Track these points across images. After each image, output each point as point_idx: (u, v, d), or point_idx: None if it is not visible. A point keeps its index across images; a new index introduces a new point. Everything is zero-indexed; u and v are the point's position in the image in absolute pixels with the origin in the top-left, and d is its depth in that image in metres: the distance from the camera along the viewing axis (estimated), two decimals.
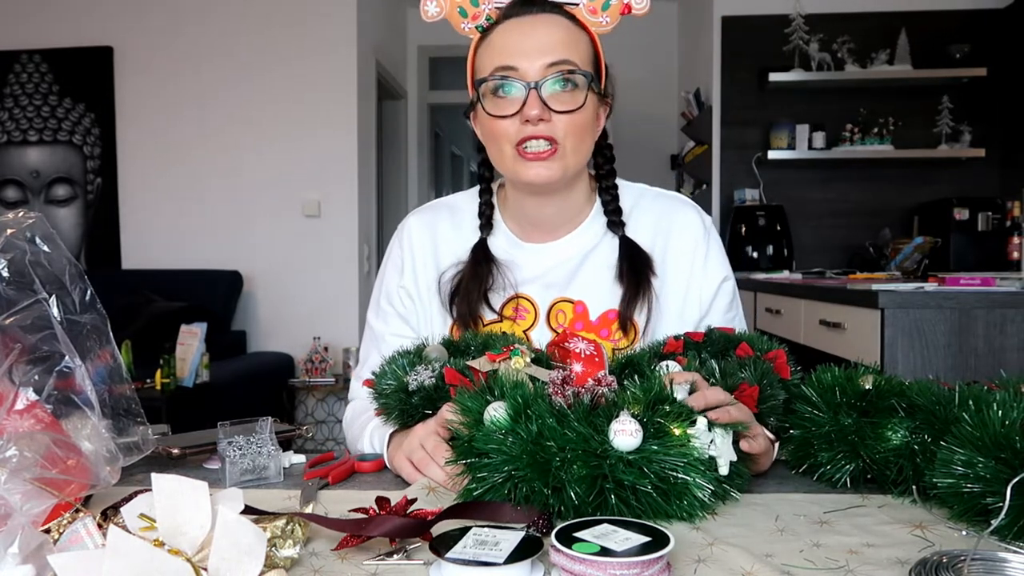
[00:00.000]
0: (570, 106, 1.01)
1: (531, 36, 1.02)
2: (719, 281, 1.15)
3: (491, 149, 1.09)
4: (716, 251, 1.16)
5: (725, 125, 4.22)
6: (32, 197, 4.45)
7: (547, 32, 1.02)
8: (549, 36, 1.02)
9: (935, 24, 4.03)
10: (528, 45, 1.01)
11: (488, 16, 1.07)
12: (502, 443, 0.74)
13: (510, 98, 1.02)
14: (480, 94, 1.05)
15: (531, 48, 1.01)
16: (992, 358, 1.95)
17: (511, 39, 1.03)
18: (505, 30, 1.04)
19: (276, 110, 4.31)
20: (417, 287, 1.17)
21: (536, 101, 1.00)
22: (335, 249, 4.35)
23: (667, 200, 1.19)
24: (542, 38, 1.02)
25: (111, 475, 0.70)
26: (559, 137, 1.02)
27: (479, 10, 1.07)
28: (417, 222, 1.20)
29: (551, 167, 1.03)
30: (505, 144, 1.04)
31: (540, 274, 1.13)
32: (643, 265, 1.11)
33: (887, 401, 0.85)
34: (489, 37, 1.06)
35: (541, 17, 1.04)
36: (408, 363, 0.95)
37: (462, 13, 1.08)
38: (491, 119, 1.04)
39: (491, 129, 1.05)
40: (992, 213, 3.74)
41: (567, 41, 1.03)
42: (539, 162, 1.03)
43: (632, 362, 0.92)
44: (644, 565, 0.58)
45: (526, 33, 1.03)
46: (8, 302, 0.70)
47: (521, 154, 1.03)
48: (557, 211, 1.13)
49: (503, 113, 1.03)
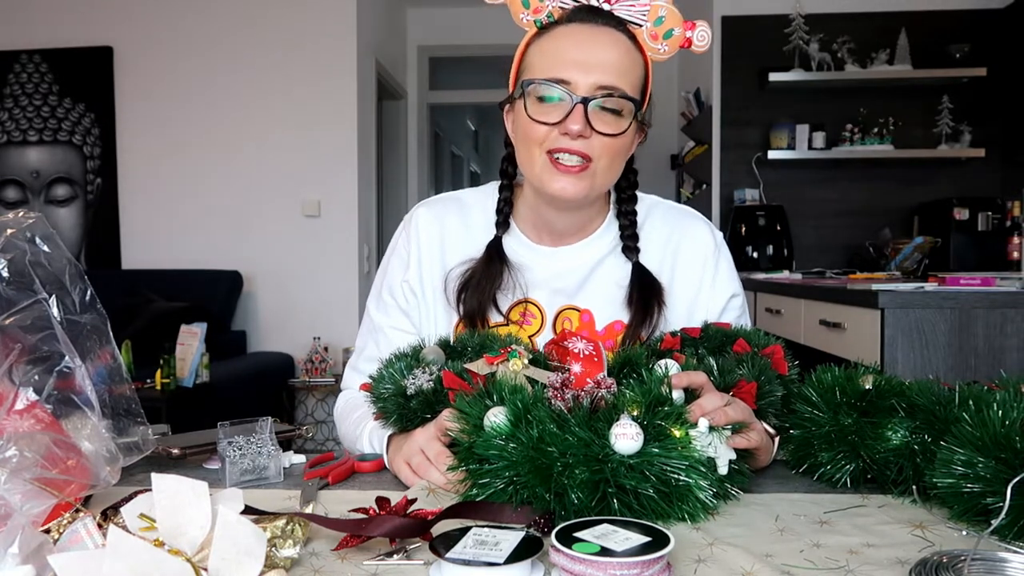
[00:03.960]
0: (613, 130, 1.00)
1: (590, 51, 1.00)
2: (727, 297, 1.15)
3: (521, 150, 1.07)
4: (726, 267, 1.16)
5: (725, 125, 4.22)
6: (32, 197, 4.45)
7: (606, 51, 1.00)
8: (607, 56, 1.00)
9: (935, 24, 4.03)
10: (585, 59, 0.99)
11: (550, 14, 1.04)
12: (503, 449, 0.74)
13: (556, 106, 1.00)
14: (526, 93, 1.02)
15: (588, 63, 0.99)
16: (992, 358, 1.95)
17: (570, 49, 1.01)
18: (565, 36, 1.02)
19: (276, 110, 4.31)
20: (421, 283, 1.15)
21: (580, 116, 0.98)
22: (335, 249, 4.35)
23: (679, 214, 1.18)
24: (600, 55, 1.00)
25: (111, 475, 0.70)
26: (594, 155, 1.01)
27: (543, 4, 1.04)
28: (426, 214, 1.18)
29: (578, 184, 1.02)
30: (537, 149, 1.03)
31: (549, 278, 1.13)
32: (653, 294, 1.10)
33: (887, 401, 0.85)
34: (547, 37, 1.03)
35: (604, 31, 1.02)
36: (405, 366, 0.94)
37: (524, 3, 1.04)
38: (530, 122, 1.02)
39: (528, 131, 1.03)
40: (992, 213, 3.74)
41: (623, 64, 1.01)
42: (568, 176, 1.01)
43: (630, 360, 0.92)
44: (644, 565, 0.58)
45: (585, 46, 1.00)
46: (8, 302, 0.70)
47: (553, 163, 1.02)
48: (571, 221, 1.13)
49: (546, 119, 1.01)
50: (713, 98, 4.25)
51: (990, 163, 4.03)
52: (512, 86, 1.09)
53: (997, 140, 4.00)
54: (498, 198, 1.16)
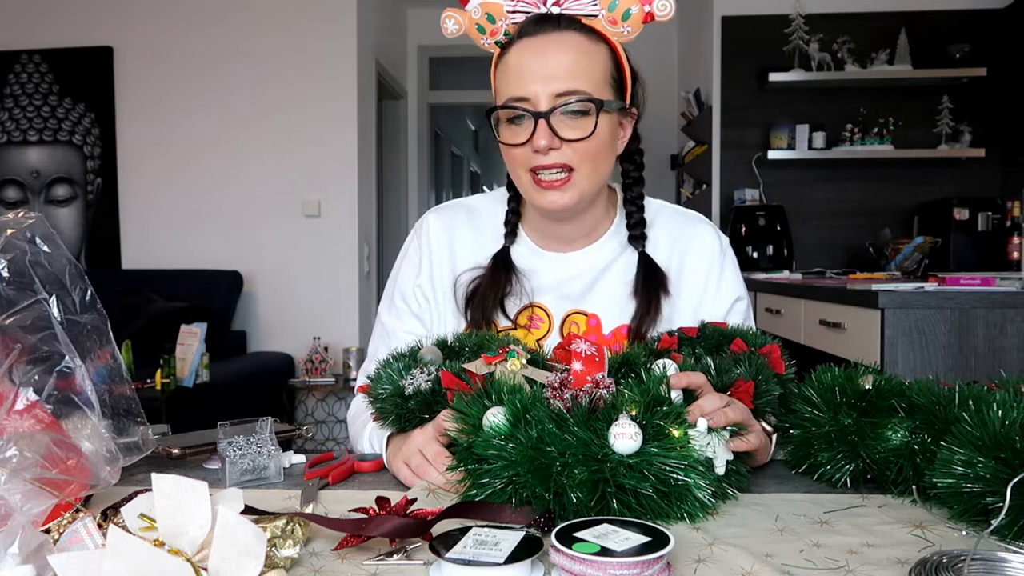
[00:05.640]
0: (580, 134, 1.00)
1: (541, 62, 1.00)
2: (731, 301, 1.15)
3: (511, 172, 1.08)
4: (731, 271, 1.17)
5: (725, 125, 4.22)
6: (32, 197, 4.45)
7: (557, 57, 1.00)
8: (559, 62, 1.00)
9: (935, 24, 4.04)
10: (538, 71, 1.00)
11: (507, 31, 1.05)
12: (502, 449, 0.74)
13: (522, 126, 1.01)
14: (495, 120, 1.04)
15: (543, 74, 0.99)
16: (992, 358, 1.95)
17: (523, 65, 1.01)
18: (518, 53, 1.02)
19: (276, 110, 4.31)
20: (433, 287, 1.16)
21: (545, 131, 0.99)
22: (335, 249, 4.35)
23: (685, 218, 1.19)
24: (551, 64, 1.00)
25: (111, 475, 0.70)
26: (574, 163, 1.01)
27: (496, 26, 1.05)
28: (436, 221, 1.19)
29: (565, 195, 1.03)
30: (520, 169, 1.04)
31: (557, 284, 1.13)
32: (658, 283, 1.11)
33: (887, 401, 0.85)
34: (508, 56, 1.04)
35: (554, 37, 1.01)
36: (403, 367, 0.94)
37: (480, 30, 1.06)
38: (506, 146, 1.04)
39: (507, 155, 1.05)
40: (992, 213, 3.74)
41: (578, 66, 1.00)
42: (553, 191, 1.02)
43: (628, 360, 0.92)
44: (644, 565, 0.58)
45: (536, 58, 1.01)
46: (8, 302, 0.70)
47: (536, 182, 1.03)
48: (575, 227, 1.13)
49: (516, 141, 1.02)
50: (713, 98, 4.25)
51: (990, 163, 4.02)
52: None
53: (997, 140, 4.00)
54: (506, 209, 1.17)
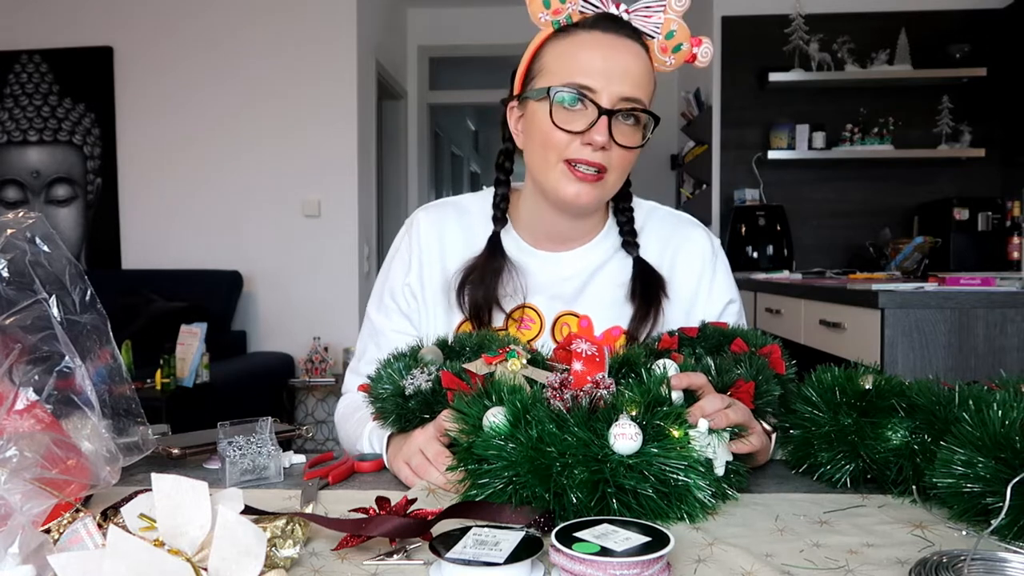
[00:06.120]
0: (630, 142, 1.01)
1: (615, 61, 1.00)
2: (724, 303, 1.15)
3: (536, 153, 1.06)
4: (723, 273, 1.17)
5: (725, 125, 4.22)
6: (32, 197, 4.45)
7: (628, 63, 1.00)
8: (630, 67, 1.00)
9: (935, 24, 4.04)
10: (610, 69, 0.99)
11: (569, 16, 1.03)
12: (502, 449, 0.74)
13: (579, 114, 1.00)
14: (551, 98, 1.01)
15: (611, 73, 0.99)
16: (992, 358, 1.95)
17: (594, 58, 1.00)
18: (588, 43, 1.01)
19: (276, 110, 4.31)
20: (422, 286, 1.16)
21: (605, 128, 0.98)
22: (335, 249, 4.35)
23: (676, 220, 1.19)
24: (623, 66, 1.00)
25: (111, 475, 0.70)
26: (610, 167, 1.02)
27: (563, 6, 1.02)
28: (426, 219, 1.18)
29: (592, 192, 1.03)
30: (555, 155, 1.02)
31: (548, 284, 1.13)
32: (656, 287, 1.11)
33: (887, 401, 0.85)
34: (566, 41, 1.02)
35: (626, 43, 1.01)
36: (404, 366, 0.94)
37: (545, 4, 1.02)
38: (552, 128, 1.01)
39: (548, 137, 1.02)
40: (992, 213, 3.74)
41: (643, 77, 1.01)
42: (584, 183, 1.02)
43: (628, 360, 0.92)
44: (644, 565, 0.58)
45: (609, 56, 1.00)
46: (8, 302, 0.70)
47: (571, 170, 1.02)
48: (572, 226, 1.13)
49: (569, 128, 1.00)
50: (713, 98, 4.25)
51: (990, 163, 4.02)
52: (519, 83, 1.08)
53: (997, 140, 4.00)
54: (495, 195, 1.15)
